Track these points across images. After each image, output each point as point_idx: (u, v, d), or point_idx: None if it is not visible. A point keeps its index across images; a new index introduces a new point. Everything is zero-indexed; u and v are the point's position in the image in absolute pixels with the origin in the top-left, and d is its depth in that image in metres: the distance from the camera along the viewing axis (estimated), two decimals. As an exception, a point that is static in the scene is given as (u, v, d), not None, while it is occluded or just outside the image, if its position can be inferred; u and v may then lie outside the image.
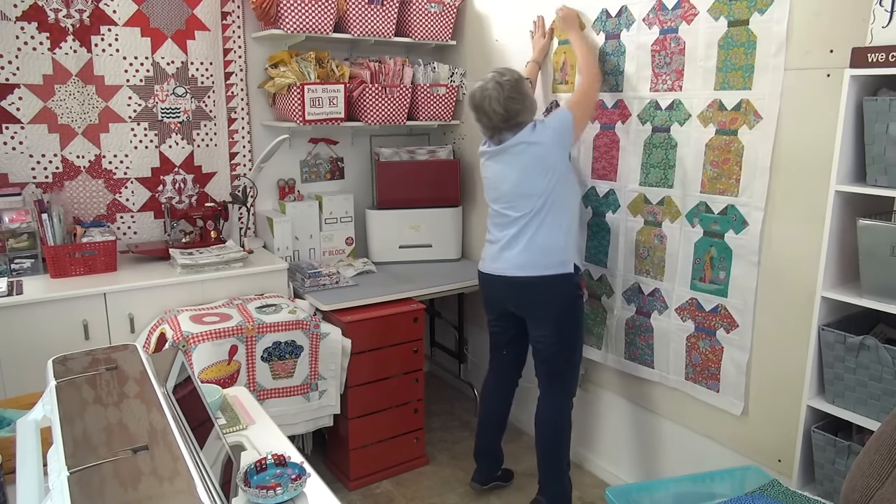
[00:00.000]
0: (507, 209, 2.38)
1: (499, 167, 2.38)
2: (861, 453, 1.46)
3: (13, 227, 2.47)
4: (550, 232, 2.32)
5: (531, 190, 2.31)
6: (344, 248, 3.29)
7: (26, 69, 2.55)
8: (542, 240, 2.33)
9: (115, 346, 1.34)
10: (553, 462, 2.48)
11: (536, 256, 2.33)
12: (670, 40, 2.27)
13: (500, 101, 2.27)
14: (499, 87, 2.28)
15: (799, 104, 1.94)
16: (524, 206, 2.33)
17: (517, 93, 2.29)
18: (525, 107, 2.32)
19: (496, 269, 2.42)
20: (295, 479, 1.33)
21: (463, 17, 3.27)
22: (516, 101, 2.29)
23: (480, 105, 2.31)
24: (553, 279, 2.33)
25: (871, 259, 1.68)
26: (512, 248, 2.37)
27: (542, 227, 2.32)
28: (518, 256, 2.35)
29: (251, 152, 3.11)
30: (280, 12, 2.75)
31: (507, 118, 2.29)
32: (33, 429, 1.10)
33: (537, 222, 2.32)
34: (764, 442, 2.16)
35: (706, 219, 2.24)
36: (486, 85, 2.30)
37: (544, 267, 2.33)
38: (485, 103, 2.29)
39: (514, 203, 2.35)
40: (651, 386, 2.54)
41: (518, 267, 2.35)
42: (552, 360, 2.44)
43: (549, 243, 2.32)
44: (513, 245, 2.37)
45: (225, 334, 2.35)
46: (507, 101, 2.27)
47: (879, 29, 1.63)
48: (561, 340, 2.41)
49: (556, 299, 2.37)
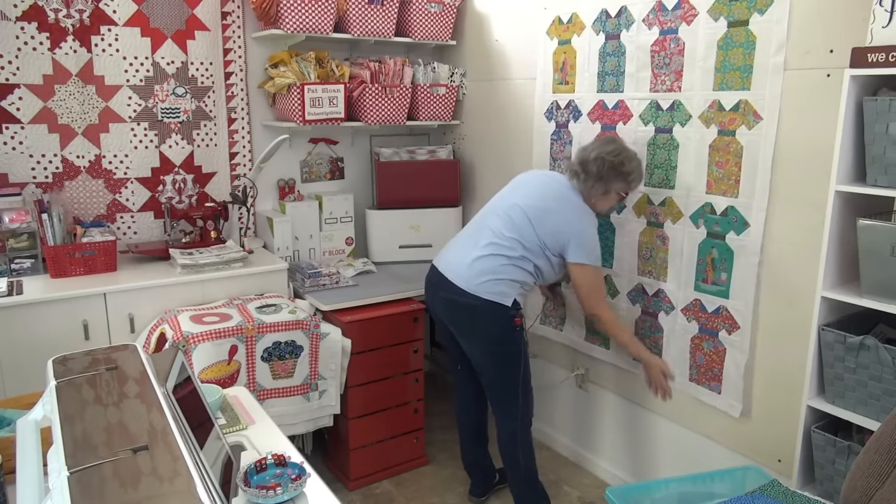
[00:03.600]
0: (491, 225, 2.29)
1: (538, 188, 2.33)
2: (861, 453, 1.46)
3: (13, 227, 2.47)
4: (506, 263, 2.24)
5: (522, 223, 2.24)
6: (344, 248, 3.29)
7: (26, 69, 2.55)
8: (494, 264, 2.24)
9: (115, 346, 1.34)
10: (521, 483, 2.43)
11: (479, 276, 2.24)
12: (670, 41, 2.27)
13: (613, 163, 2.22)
14: (628, 157, 2.25)
15: (799, 104, 1.94)
16: (503, 229, 2.26)
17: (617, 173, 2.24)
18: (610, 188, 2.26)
19: (441, 265, 2.35)
20: (295, 479, 1.33)
21: (463, 17, 3.27)
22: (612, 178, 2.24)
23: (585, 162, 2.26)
24: (488, 305, 2.23)
25: (871, 259, 1.68)
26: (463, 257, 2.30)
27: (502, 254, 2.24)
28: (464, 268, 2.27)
29: (251, 152, 3.11)
30: (280, 12, 2.75)
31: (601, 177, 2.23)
32: (33, 429, 1.10)
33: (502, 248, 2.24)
34: (764, 442, 2.16)
35: (709, 220, 2.24)
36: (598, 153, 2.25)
37: (483, 290, 2.23)
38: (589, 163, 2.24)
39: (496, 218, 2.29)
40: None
41: (459, 277, 2.27)
42: (491, 388, 2.38)
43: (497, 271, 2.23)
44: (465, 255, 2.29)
45: (225, 334, 2.35)
46: (610, 168, 2.22)
47: (879, 29, 1.63)
48: (495, 370, 2.33)
49: (489, 327, 2.27)
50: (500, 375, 2.34)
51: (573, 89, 2.67)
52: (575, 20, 2.62)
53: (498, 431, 2.44)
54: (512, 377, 2.33)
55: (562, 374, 2.96)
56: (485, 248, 2.27)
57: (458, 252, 2.35)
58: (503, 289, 2.24)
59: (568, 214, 2.27)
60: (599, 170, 2.23)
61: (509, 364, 2.32)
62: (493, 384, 2.37)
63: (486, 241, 2.28)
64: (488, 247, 2.27)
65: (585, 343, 2.79)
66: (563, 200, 2.28)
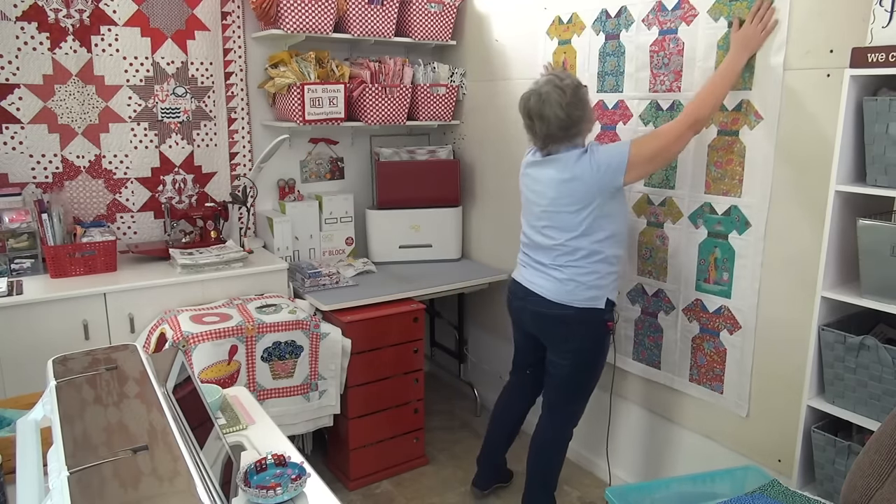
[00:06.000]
0: (542, 231, 2.21)
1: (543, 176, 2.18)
2: (861, 453, 1.46)
3: (13, 227, 2.47)
4: (583, 264, 2.15)
5: (563, 223, 2.14)
6: (344, 248, 3.29)
7: (26, 69, 2.55)
8: (572, 272, 2.16)
9: (115, 346, 1.34)
10: (540, 483, 2.44)
11: (565, 286, 2.17)
12: (669, 41, 2.27)
13: (563, 105, 2.05)
14: (560, 91, 2.06)
15: (799, 104, 1.94)
16: (557, 235, 2.16)
17: (578, 99, 2.08)
18: (586, 116, 2.13)
19: (528, 283, 2.28)
20: (295, 479, 1.33)
21: (463, 17, 3.27)
22: (578, 107, 2.08)
23: (539, 110, 2.08)
24: (579, 312, 2.17)
25: (871, 259, 1.68)
26: (540, 274, 2.24)
27: (574, 259, 2.15)
28: (546, 282, 2.22)
29: (251, 152, 3.11)
30: (280, 12, 2.75)
31: (569, 125, 2.08)
32: (33, 429, 1.10)
33: (569, 254, 2.16)
34: (764, 442, 2.16)
35: (710, 220, 2.24)
36: (544, 89, 2.09)
37: (571, 298, 2.17)
38: (545, 108, 2.06)
39: (547, 229, 2.19)
40: (653, 387, 2.54)
41: (547, 292, 2.21)
42: (562, 388, 2.35)
43: (579, 276, 2.15)
44: (542, 272, 2.23)
45: (225, 334, 2.35)
46: (569, 108, 2.06)
47: (879, 29, 1.63)
48: (577, 373, 2.29)
49: (578, 332, 2.22)
50: (575, 382, 2.32)
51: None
52: (575, 20, 2.62)
53: (543, 430, 2.40)
54: (587, 383, 2.33)
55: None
56: (557, 261, 2.19)
57: (535, 271, 2.27)
58: (593, 293, 2.17)
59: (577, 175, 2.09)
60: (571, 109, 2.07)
61: (591, 370, 2.31)
62: (565, 389, 2.34)
63: (552, 257, 2.20)
64: (559, 258, 2.18)
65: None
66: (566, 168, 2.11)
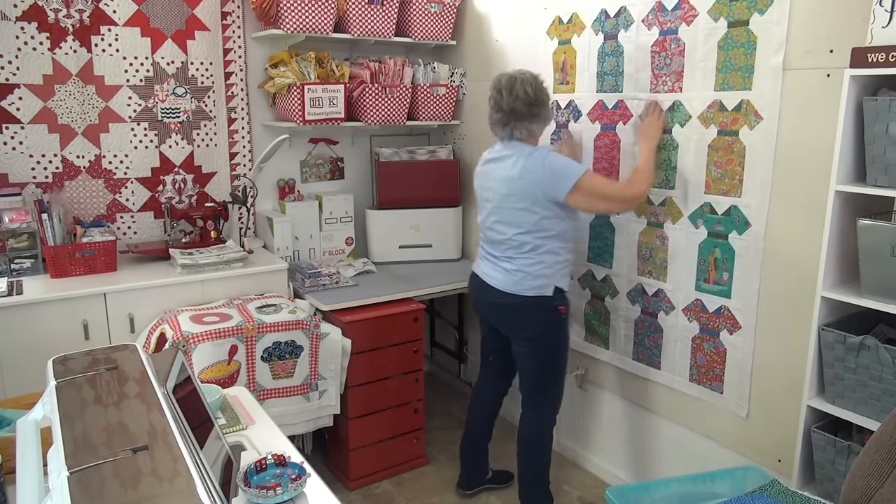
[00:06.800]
0: (493, 226, 2.33)
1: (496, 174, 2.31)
2: (861, 453, 1.46)
3: (13, 227, 2.47)
4: (529, 256, 2.27)
5: (511, 219, 2.27)
6: (344, 248, 3.29)
7: (26, 69, 2.55)
8: (519, 263, 2.28)
9: (115, 346, 1.34)
10: (532, 477, 2.48)
11: (514, 276, 2.29)
12: (670, 41, 2.27)
13: (532, 86, 2.23)
14: (530, 76, 2.26)
15: (799, 104, 1.94)
16: (505, 230, 2.29)
17: (543, 90, 2.27)
18: (546, 106, 2.29)
19: (484, 275, 2.40)
20: (295, 479, 1.33)
21: (463, 17, 3.27)
22: (542, 94, 2.26)
23: (510, 85, 2.23)
24: (529, 301, 2.28)
25: (871, 259, 1.68)
26: (494, 266, 2.36)
27: (521, 252, 2.28)
28: (497, 274, 2.34)
29: (251, 152, 3.11)
30: (280, 12, 2.75)
31: (532, 103, 2.23)
32: (33, 429, 1.10)
33: (516, 248, 2.28)
34: (764, 442, 2.16)
35: (710, 220, 2.24)
36: (515, 72, 2.27)
37: (520, 288, 2.28)
38: (515, 84, 2.23)
39: (498, 224, 2.31)
40: (653, 386, 2.54)
41: (499, 283, 2.33)
42: (531, 376, 2.42)
43: (526, 267, 2.28)
44: (495, 264, 2.36)
45: (225, 334, 2.35)
46: (536, 91, 2.23)
47: (879, 29, 1.63)
48: (540, 360, 2.38)
49: (530, 320, 2.33)
50: (541, 368, 2.38)
51: (573, 89, 2.67)
52: (575, 20, 2.62)
53: (524, 425, 2.46)
54: (552, 368, 2.39)
55: (562, 374, 2.95)
56: (506, 254, 2.31)
57: (490, 263, 2.39)
58: (541, 282, 2.27)
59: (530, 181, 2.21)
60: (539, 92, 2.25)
61: (552, 354, 2.38)
62: (533, 377, 2.41)
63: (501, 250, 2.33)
64: (507, 251, 2.31)
65: (585, 343, 2.79)
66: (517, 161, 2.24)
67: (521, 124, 2.25)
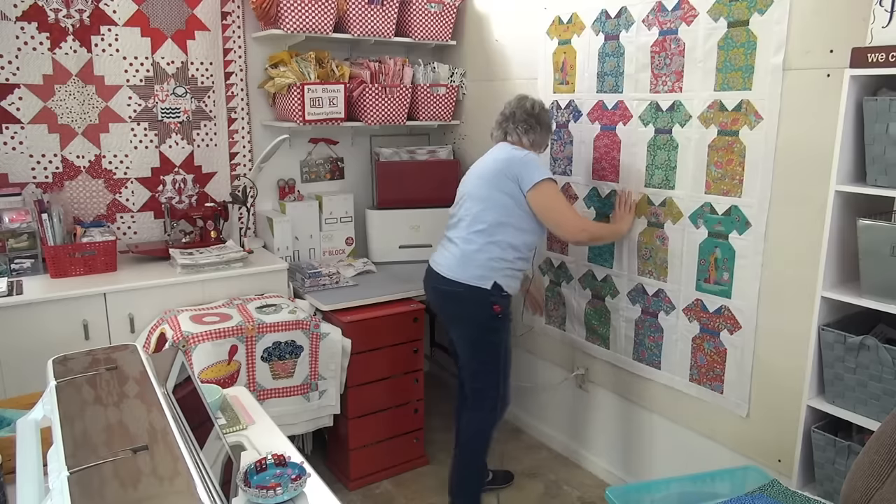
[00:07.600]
0: (462, 204, 2.41)
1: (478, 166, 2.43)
2: (861, 453, 1.46)
3: (13, 227, 2.47)
4: (477, 239, 2.32)
5: (479, 194, 2.34)
6: (344, 248, 3.29)
7: (26, 69, 2.55)
8: (466, 247, 2.34)
9: (115, 346, 1.34)
10: (462, 474, 2.50)
11: (458, 261, 2.34)
12: (670, 41, 2.27)
13: (540, 106, 2.42)
14: (543, 102, 2.46)
15: (799, 104, 1.94)
16: (471, 205, 2.35)
17: (547, 114, 2.45)
18: (545, 129, 2.44)
19: (434, 263, 2.46)
20: (295, 479, 1.33)
21: (463, 17, 3.27)
22: (545, 118, 2.43)
23: (521, 98, 2.43)
24: (466, 290, 2.31)
25: (871, 259, 1.68)
26: (444, 252, 2.42)
27: (473, 231, 2.33)
28: (444, 260, 2.40)
29: (251, 152, 3.11)
30: (280, 12, 2.75)
31: (531, 117, 2.38)
32: (33, 429, 1.10)
33: (472, 224, 2.33)
34: (764, 442, 2.16)
35: (711, 220, 2.23)
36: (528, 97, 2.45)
37: (460, 274, 2.33)
38: (526, 99, 2.42)
39: (466, 200, 2.39)
40: (653, 386, 2.54)
41: (443, 268, 2.38)
42: (468, 372, 2.44)
43: (471, 252, 2.32)
44: (446, 249, 2.42)
45: (225, 334, 2.35)
46: (541, 112, 2.41)
47: (879, 29, 1.63)
48: (475, 358, 2.40)
49: (466, 311, 2.36)
50: (477, 367, 2.40)
51: (573, 89, 2.67)
52: (575, 20, 2.62)
53: (462, 426, 2.49)
54: (487, 367, 2.39)
55: (561, 374, 2.95)
56: (461, 233, 2.38)
57: (442, 249, 2.46)
58: (481, 272, 2.31)
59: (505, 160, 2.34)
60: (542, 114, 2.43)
61: (487, 352, 2.39)
62: (470, 375, 2.43)
63: (460, 228, 2.39)
64: (465, 229, 2.37)
65: (585, 343, 2.79)
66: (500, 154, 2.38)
67: (515, 129, 2.39)
